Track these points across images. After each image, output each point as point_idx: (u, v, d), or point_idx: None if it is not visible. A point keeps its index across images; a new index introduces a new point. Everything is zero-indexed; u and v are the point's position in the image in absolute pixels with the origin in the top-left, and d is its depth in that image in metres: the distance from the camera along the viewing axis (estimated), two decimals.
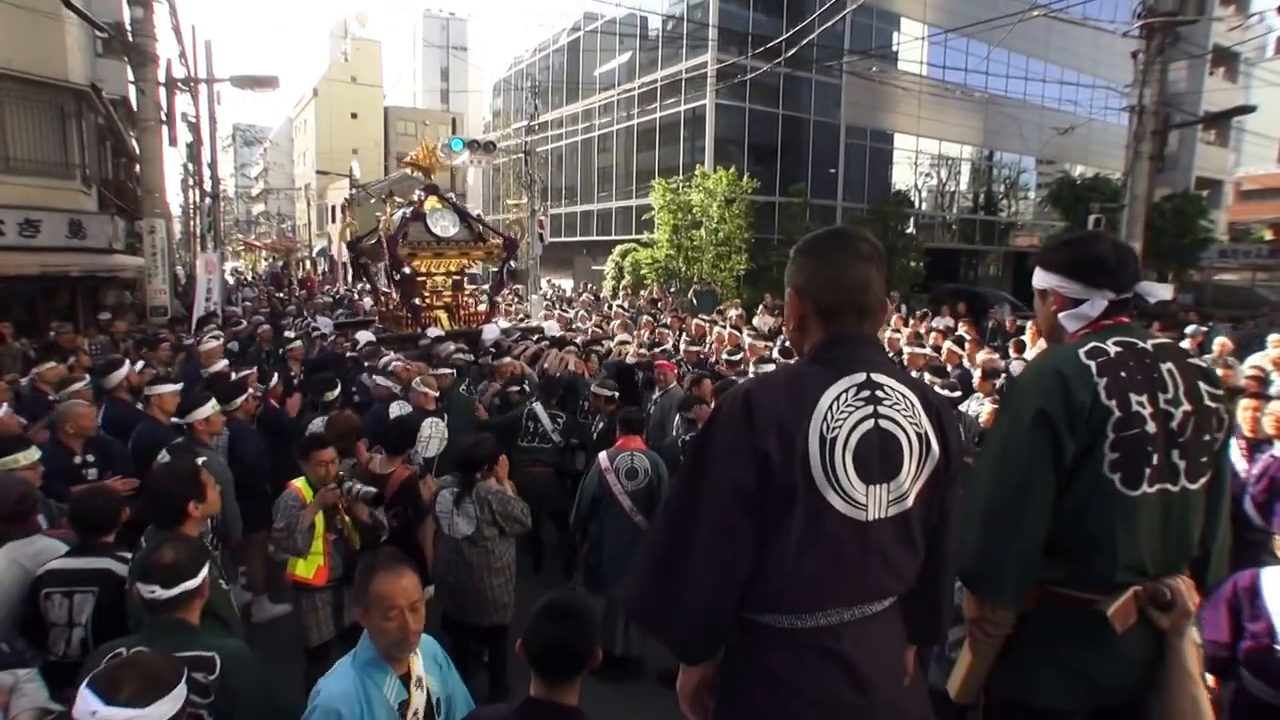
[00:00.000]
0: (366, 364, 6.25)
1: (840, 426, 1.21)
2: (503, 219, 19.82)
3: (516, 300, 12.09)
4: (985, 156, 25.92)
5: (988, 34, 16.00)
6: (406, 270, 7.82)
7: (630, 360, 6.45)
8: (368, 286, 10.04)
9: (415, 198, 8.60)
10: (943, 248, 23.65)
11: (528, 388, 5.40)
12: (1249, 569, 2.40)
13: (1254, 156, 34.25)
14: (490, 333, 7.49)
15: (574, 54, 26.54)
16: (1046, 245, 1.79)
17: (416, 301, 8.03)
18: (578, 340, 7.29)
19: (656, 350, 6.70)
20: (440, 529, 3.30)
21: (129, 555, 2.30)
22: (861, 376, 1.26)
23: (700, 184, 17.21)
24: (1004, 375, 6.21)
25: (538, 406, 4.74)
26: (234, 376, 4.92)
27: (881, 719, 1.28)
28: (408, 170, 9.54)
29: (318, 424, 4.23)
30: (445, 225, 8.22)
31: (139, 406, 4.23)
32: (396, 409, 4.72)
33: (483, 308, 8.92)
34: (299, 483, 3.13)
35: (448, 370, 5.32)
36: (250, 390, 4.48)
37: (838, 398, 1.23)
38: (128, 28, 9.13)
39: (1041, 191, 25.18)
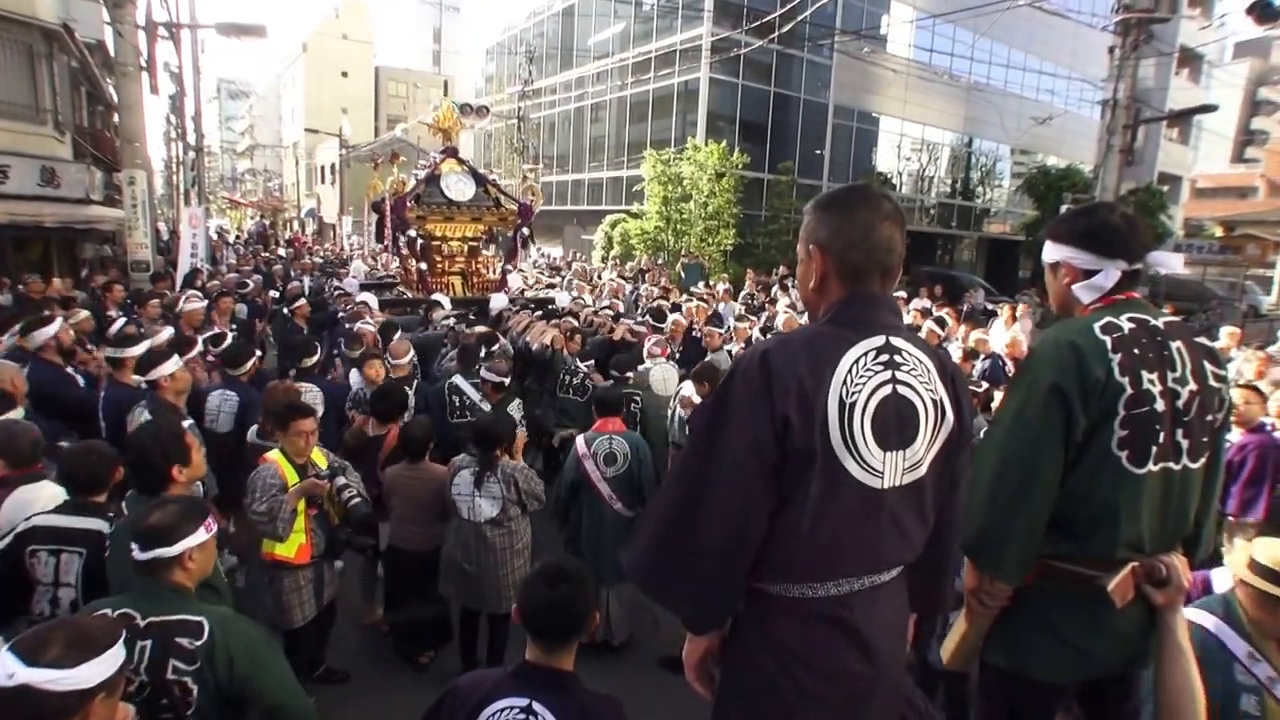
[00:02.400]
0: (348, 326, 5.85)
1: (860, 391, 1.13)
2: (514, 183, 19.08)
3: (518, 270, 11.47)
4: (965, 143, 25.77)
5: (974, 22, 15.71)
6: (412, 233, 7.33)
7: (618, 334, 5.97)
8: (389, 248, 9.53)
9: (432, 159, 8.05)
10: (920, 231, 23.59)
11: (509, 349, 5.04)
12: (1199, 570, 2.29)
13: (1208, 155, 34.81)
14: (498, 302, 7.01)
15: (568, 21, 25.45)
16: (1056, 219, 1.68)
17: (423, 266, 7.54)
18: (583, 313, 6.83)
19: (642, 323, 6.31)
20: (458, 513, 2.97)
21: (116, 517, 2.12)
22: (880, 340, 1.18)
23: (691, 157, 16.80)
24: (986, 359, 6.09)
25: (458, 379, 4.20)
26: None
27: (887, 689, 1.25)
28: (426, 130, 8.92)
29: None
30: (461, 189, 7.69)
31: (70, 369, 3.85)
32: (355, 378, 4.35)
33: (497, 276, 8.41)
34: (276, 455, 2.76)
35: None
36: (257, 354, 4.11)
37: (857, 361, 1.15)
38: None
39: (1015, 180, 25.14)
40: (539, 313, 6.56)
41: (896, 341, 1.19)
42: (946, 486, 1.26)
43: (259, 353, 4.13)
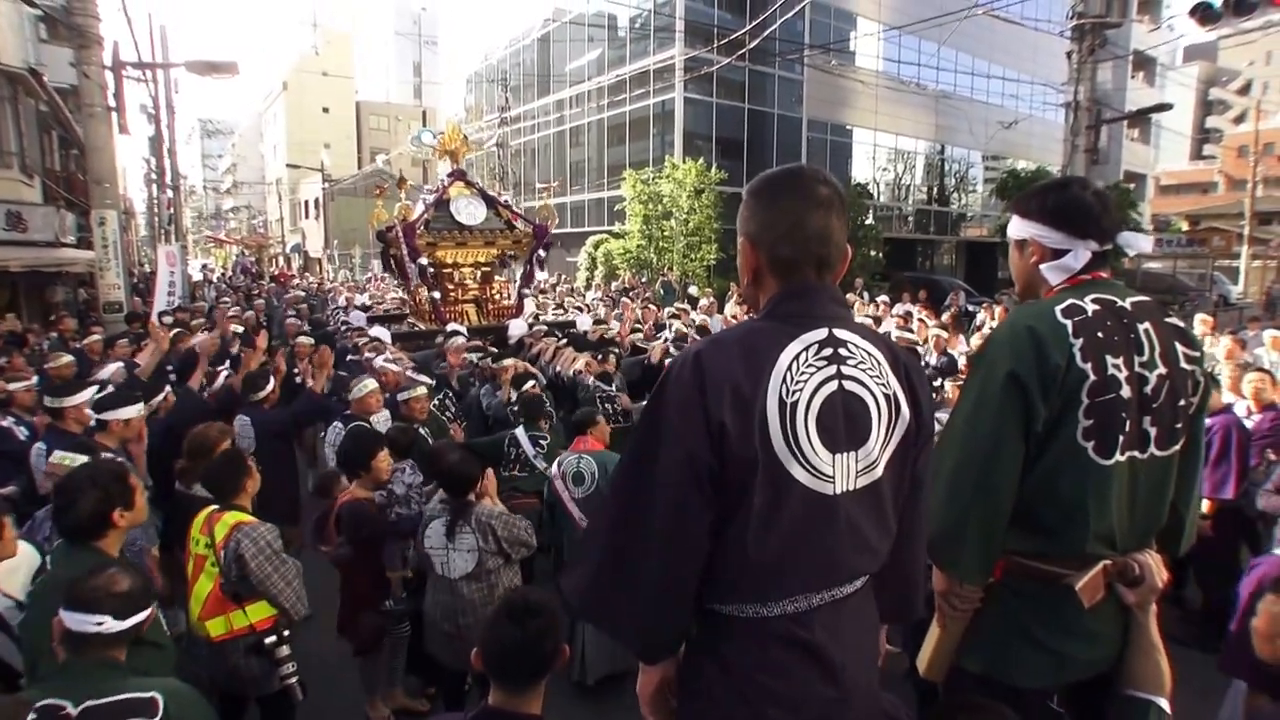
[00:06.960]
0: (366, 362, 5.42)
1: (801, 389, 1.03)
2: (532, 204, 18.96)
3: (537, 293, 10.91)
4: (937, 151, 26.12)
5: (936, 33, 16.02)
6: (423, 261, 6.97)
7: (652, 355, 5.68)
8: (396, 280, 9.01)
9: (440, 183, 7.71)
10: (900, 238, 23.84)
11: (541, 379, 4.77)
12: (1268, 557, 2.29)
13: (1169, 153, 35.75)
14: (517, 328, 6.62)
15: (544, 48, 25.66)
16: (1024, 193, 1.57)
17: (436, 295, 7.17)
18: (606, 337, 6.54)
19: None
20: (432, 569, 2.64)
21: None
22: (823, 333, 1.07)
23: (670, 174, 16.85)
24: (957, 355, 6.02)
25: (519, 432, 3.94)
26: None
27: (857, 710, 1.13)
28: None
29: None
30: (472, 213, 7.33)
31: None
32: (383, 422, 3.88)
33: (511, 301, 7.96)
34: (252, 521, 2.39)
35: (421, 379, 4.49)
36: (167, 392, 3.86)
37: (797, 357, 1.05)
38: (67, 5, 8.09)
39: (989, 185, 25.53)
40: (564, 339, 6.14)
41: (841, 333, 1.08)
42: (908, 488, 1.15)
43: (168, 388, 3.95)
